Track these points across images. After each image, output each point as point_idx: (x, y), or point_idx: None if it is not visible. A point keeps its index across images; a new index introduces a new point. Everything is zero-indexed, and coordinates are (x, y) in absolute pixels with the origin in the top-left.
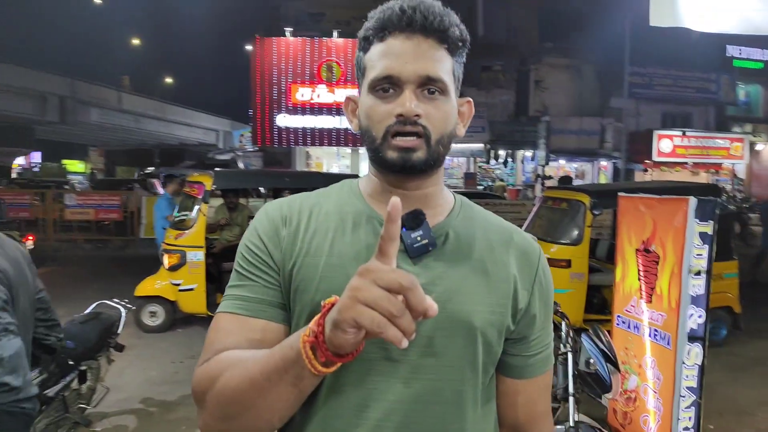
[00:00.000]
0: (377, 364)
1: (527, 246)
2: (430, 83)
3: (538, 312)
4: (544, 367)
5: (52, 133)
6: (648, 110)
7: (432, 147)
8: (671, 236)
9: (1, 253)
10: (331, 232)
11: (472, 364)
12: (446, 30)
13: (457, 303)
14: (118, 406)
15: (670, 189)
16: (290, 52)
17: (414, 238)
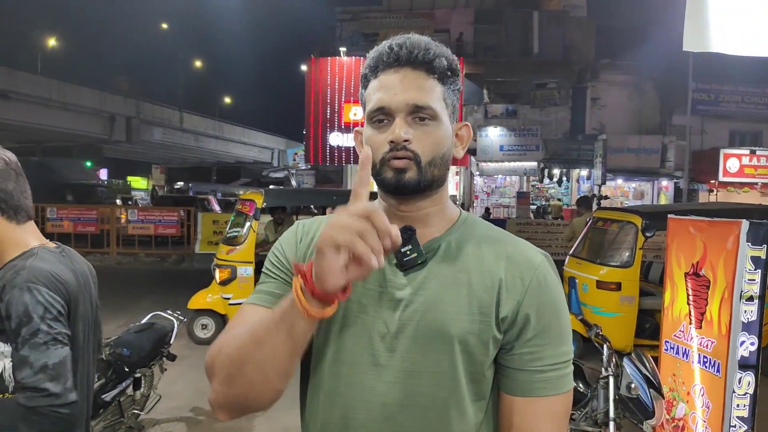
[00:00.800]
0: (365, 368)
1: (522, 257)
2: (419, 111)
3: (531, 324)
4: (547, 390)
5: (119, 151)
6: (714, 128)
7: (423, 169)
8: (722, 260)
9: (68, 266)
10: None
11: (452, 373)
12: (431, 61)
13: (435, 312)
14: (169, 413)
15: (724, 211)
16: (344, 71)
17: (404, 252)
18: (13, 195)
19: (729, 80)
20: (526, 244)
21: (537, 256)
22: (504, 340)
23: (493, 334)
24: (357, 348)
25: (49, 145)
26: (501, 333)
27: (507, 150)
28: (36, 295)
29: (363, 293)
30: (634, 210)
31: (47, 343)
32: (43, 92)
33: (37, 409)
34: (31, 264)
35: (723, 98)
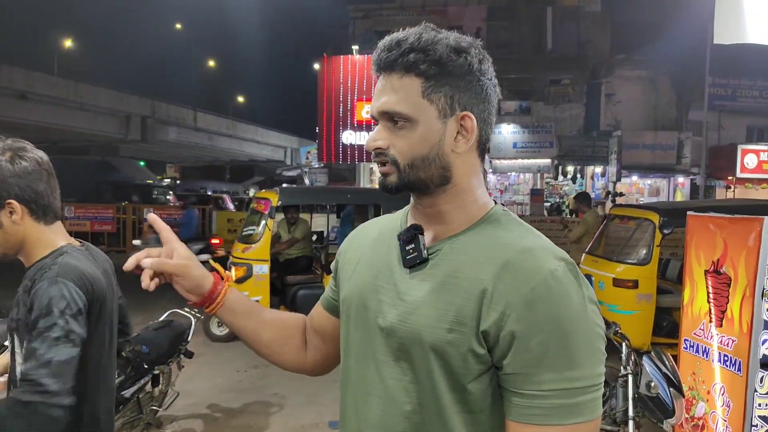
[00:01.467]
0: (368, 361)
1: (526, 264)
2: (390, 117)
3: (521, 342)
4: (548, 417)
5: (134, 151)
6: (731, 123)
7: (402, 172)
8: (743, 257)
9: (93, 263)
10: (366, 247)
11: (428, 380)
12: (404, 59)
13: (416, 316)
14: (187, 410)
15: (744, 208)
16: (356, 69)
17: (407, 250)
18: (44, 195)
19: (747, 74)
20: (541, 249)
21: (547, 264)
22: (494, 357)
23: (470, 346)
24: (361, 342)
25: (65, 144)
26: (483, 347)
27: (520, 147)
28: (62, 289)
29: (374, 289)
30: (652, 207)
31: (59, 338)
32: (59, 93)
33: (30, 404)
34: (63, 260)
35: (740, 93)
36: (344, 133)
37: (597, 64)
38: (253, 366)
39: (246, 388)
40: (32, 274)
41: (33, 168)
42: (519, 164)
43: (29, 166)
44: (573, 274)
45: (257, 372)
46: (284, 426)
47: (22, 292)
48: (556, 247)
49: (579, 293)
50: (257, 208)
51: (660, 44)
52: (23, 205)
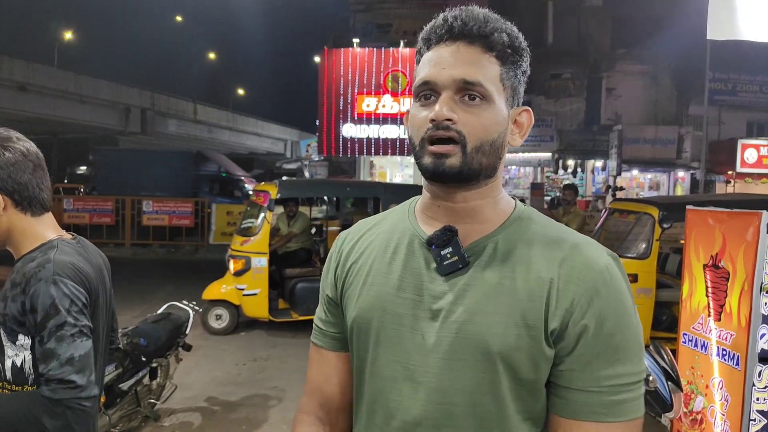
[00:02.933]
0: (401, 384)
1: (580, 260)
2: (469, 88)
3: (585, 338)
4: (601, 415)
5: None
6: (731, 118)
7: (468, 154)
8: (742, 251)
9: (86, 258)
10: (374, 254)
11: (492, 391)
12: (489, 36)
13: (475, 325)
14: (185, 403)
15: (743, 202)
16: (357, 62)
17: (444, 255)
18: (28, 187)
19: (747, 69)
20: (590, 245)
21: (601, 259)
22: (557, 355)
23: (542, 349)
24: (392, 362)
25: (65, 136)
26: (552, 347)
27: None
28: (62, 288)
29: (399, 303)
30: (651, 201)
31: (73, 335)
32: (59, 84)
33: (62, 402)
34: (56, 257)
35: (740, 88)
36: (344, 126)
37: (598, 59)
38: (251, 359)
39: (244, 381)
40: (20, 267)
41: (17, 159)
42: (519, 158)
43: (12, 157)
44: (621, 269)
45: (256, 365)
46: (283, 419)
47: (10, 287)
48: (601, 244)
49: (628, 288)
50: (256, 201)
51: (660, 39)
52: (6, 197)
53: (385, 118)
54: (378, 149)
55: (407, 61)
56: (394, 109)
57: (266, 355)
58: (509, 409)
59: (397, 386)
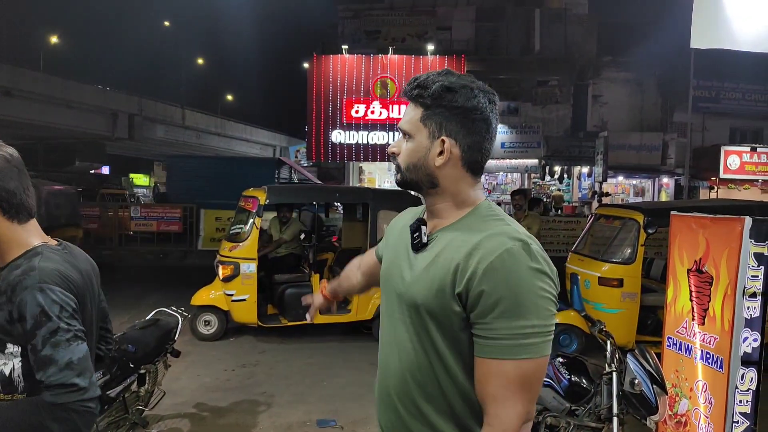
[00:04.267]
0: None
1: (488, 244)
2: (403, 132)
3: (479, 300)
4: (499, 353)
5: (122, 148)
6: (715, 125)
7: (402, 172)
8: (725, 257)
9: (73, 264)
10: (395, 233)
11: (426, 332)
12: (408, 93)
13: (415, 286)
14: (173, 409)
15: (727, 208)
16: (346, 69)
17: (414, 237)
18: (15, 194)
19: (730, 77)
20: (504, 234)
21: (506, 244)
22: (468, 313)
23: (449, 305)
24: (388, 304)
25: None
26: (459, 306)
27: (508, 147)
28: (50, 295)
29: (395, 265)
30: (636, 207)
31: (69, 340)
32: (46, 89)
33: (66, 405)
34: (40, 264)
35: (724, 95)
36: (333, 132)
37: (584, 66)
38: (241, 365)
39: (233, 387)
40: (6, 275)
41: (2, 165)
42: (507, 164)
43: None
44: (526, 252)
45: (245, 371)
46: (272, 425)
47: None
48: (520, 233)
49: (527, 265)
50: (245, 207)
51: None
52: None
53: (374, 125)
54: (367, 155)
55: (396, 68)
56: (383, 116)
57: (255, 361)
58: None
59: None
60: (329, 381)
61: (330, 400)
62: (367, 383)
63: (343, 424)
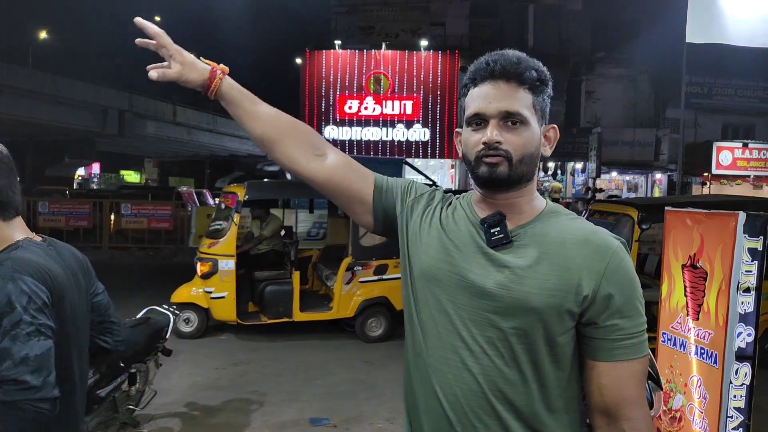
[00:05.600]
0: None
1: (601, 243)
2: (510, 116)
3: (610, 301)
4: (629, 354)
5: (112, 145)
6: (707, 121)
7: (513, 165)
8: (719, 252)
9: (54, 258)
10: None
11: (527, 335)
12: (522, 74)
13: (518, 286)
14: (164, 408)
15: (720, 203)
16: (339, 64)
17: (492, 232)
18: (3, 191)
19: (722, 74)
20: (603, 231)
21: (613, 241)
22: (587, 316)
23: (568, 307)
24: (449, 301)
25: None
26: (578, 307)
27: None
28: (20, 285)
29: (456, 261)
30: (630, 202)
31: (30, 334)
32: (35, 85)
33: (15, 404)
34: (16, 255)
35: (716, 92)
36: (327, 128)
37: (578, 62)
38: (232, 363)
39: (225, 386)
40: None
41: None
42: None
43: None
44: (625, 248)
45: (237, 369)
46: (264, 423)
47: None
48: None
49: (632, 263)
50: (225, 203)
51: (639, 43)
52: None
53: (367, 120)
54: (360, 151)
55: (389, 63)
56: (377, 111)
57: (247, 359)
58: (539, 348)
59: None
60: (322, 379)
61: (323, 398)
62: (361, 381)
63: (336, 423)
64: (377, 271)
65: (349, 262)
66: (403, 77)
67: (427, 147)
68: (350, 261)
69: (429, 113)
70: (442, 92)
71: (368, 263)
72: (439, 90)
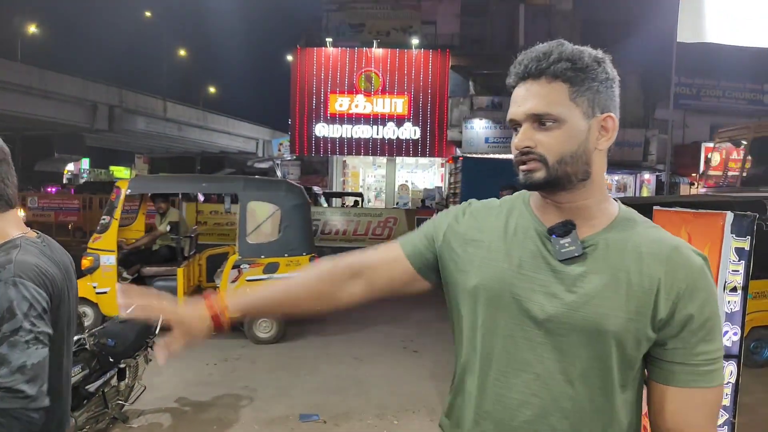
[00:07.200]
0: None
1: (683, 261)
2: (539, 118)
3: (687, 323)
4: (701, 381)
5: (101, 140)
6: (696, 122)
7: (551, 168)
8: (707, 251)
9: (51, 257)
10: (496, 234)
11: (600, 361)
12: (549, 68)
13: (592, 307)
14: (154, 404)
15: (708, 203)
16: (330, 62)
17: (562, 244)
18: None
19: (711, 75)
20: (685, 246)
21: (697, 259)
22: (659, 337)
23: (646, 332)
24: (511, 324)
25: (30, 133)
26: (655, 332)
27: (492, 142)
28: (22, 290)
29: (519, 278)
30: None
31: (28, 342)
32: (23, 80)
33: (9, 411)
34: (18, 258)
35: (705, 93)
36: (317, 126)
37: None
38: (222, 359)
39: (215, 382)
40: None
41: None
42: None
43: None
44: (708, 267)
45: (227, 365)
46: (254, 419)
47: None
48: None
49: (713, 283)
50: (112, 197)
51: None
52: None
53: (357, 118)
54: (351, 149)
55: (380, 62)
56: (367, 109)
57: (237, 355)
58: (614, 376)
59: (514, 345)
60: (312, 375)
61: (312, 393)
62: (350, 377)
63: (325, 419)
64: (267, 269)
65: (235, 260)
66: (394, 75)
67: (417, 145)
68: (236, 258)
69: (420, 112)
70: (432, 91)
71: (256, 261)
72: (430, 88)
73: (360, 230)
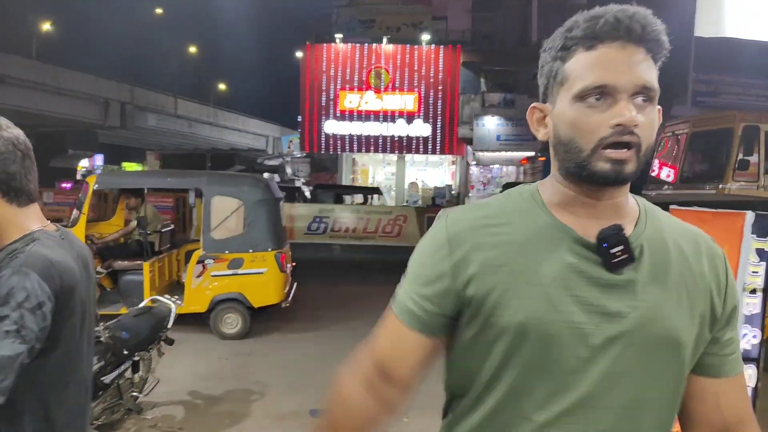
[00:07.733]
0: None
1: (713, 251)
2: (644, 92)
3: (731, 316)
4: (738, 367)
5: (113, 137)
6: None
7: (640, 158)
8: (726, 252)
9: (68, 250)
10: (515, 249)
11: (676, 378)
12: (658, 39)
13: (662, 320)
14: (167, 396)
15: (728, 203)
16: (339, 58)
17: (614, 253)
18: (16, 177)
19: (729, 72)
20: (703, 234)
21: (717, 247)
22: (713, 334)
23: (705, 335)
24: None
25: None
26: (711, 332)
27: (504, 140)
28: (23, 280)
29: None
30: None
31: (9, 332)
32: (37, 77)
33: None
34: (32, 249)
35: (723, 90)
36: (327, 123)
37: None
38: (234, 353)
39: (227, 376)
40: (2, 256)
41: (5, 148)
42: (502, 157)
43: (2, 146)
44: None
45: (238, 359)
46: (265, 413)
47: None
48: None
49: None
50: (80, 193)
51: None
52: None
53: (367, 115)
54: (360, 146)
55: (390, 58)
56: (377, 106)
57: (249, 350)
58: (681, 387)
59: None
60: (323, 371)
61: (323, 389)
62: None
63: None
64: (231, 265)
65: (199, 255)
66: (404, 72)
67: (428, 142)
68: (201, 254)
69: (430, 108)
70: (443, 87)
71: (220, 256)
72: (441, 85)
73: (370, 228)
